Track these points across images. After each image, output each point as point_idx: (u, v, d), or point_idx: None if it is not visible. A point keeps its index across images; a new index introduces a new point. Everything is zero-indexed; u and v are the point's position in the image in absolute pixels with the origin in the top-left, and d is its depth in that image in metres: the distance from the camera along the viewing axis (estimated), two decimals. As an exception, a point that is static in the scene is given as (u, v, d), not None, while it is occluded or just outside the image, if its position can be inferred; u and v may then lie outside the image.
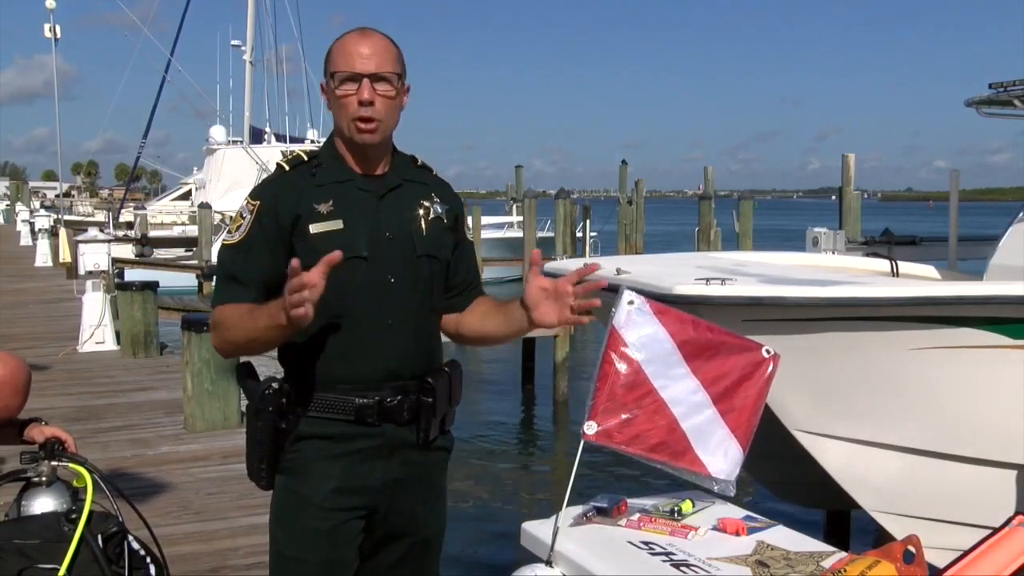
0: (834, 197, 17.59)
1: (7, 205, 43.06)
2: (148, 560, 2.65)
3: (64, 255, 19.65)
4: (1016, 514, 2.37)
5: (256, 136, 34.30)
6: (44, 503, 2.65)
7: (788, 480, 6.73)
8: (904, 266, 7.60)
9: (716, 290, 5.23)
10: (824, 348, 5.39)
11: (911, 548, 2.30)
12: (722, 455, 2.77)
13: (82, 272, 13.85)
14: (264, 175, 3.05)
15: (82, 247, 14.91)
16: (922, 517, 5.57)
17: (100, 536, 2.53)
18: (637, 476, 8.55)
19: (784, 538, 2.69)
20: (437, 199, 2.37)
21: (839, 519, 7.52)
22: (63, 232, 21.56)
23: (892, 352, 5.40)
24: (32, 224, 26.93)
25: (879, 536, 6.05)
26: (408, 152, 2.44)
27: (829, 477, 5.71)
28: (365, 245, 2.23)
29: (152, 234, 29.67)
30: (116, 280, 13.71)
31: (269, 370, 2.33)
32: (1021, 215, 6.61)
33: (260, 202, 2.26)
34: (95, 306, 10.48)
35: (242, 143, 33.53)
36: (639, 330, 2.80)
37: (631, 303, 2.82)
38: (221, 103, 36.27)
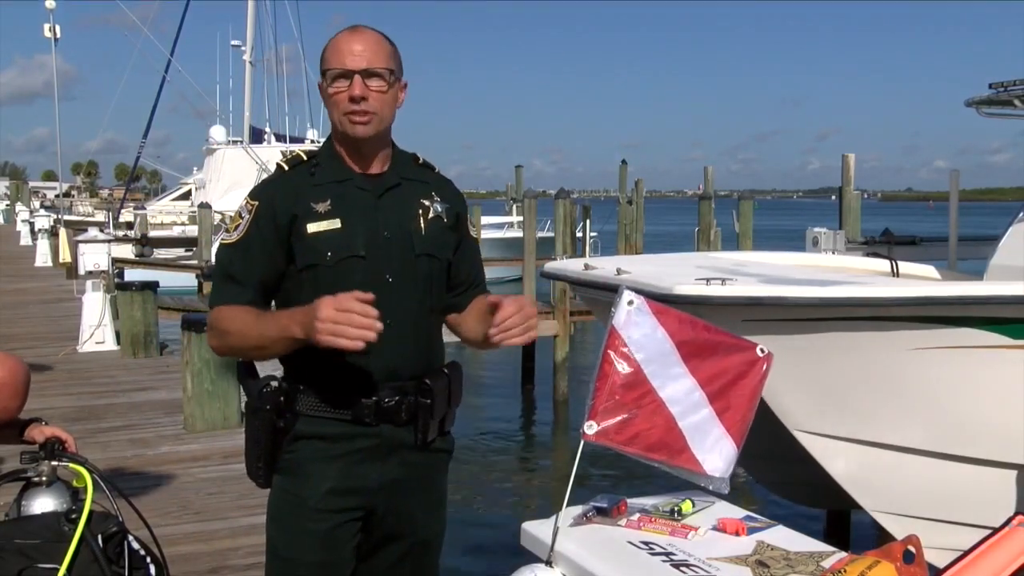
0: (834, 197, 17.58)
1: (7, 205, 43.02)
2: (148, 560, 2.65)
3: (64, 255, 19.64)
4: (1016, 514, 2.37)
5: (256, 136, 34.29)
6: (44, 503, 2.65)
7: (788, 480, 6.74)
8: (904, 266, 7.60)
9: (716, 290, 5.23)
10: (824, 348, 5.39)
11: (911, 548, 2.30)
12: (718, 453, 2.78)
13: (82, 272, 13.84)
14: (264, 175, 3.05)
15: (82, 247, 14.90)
16: (922, 517, 5.57)
17: (100, 536, 2.53)
18: (637, 476, 8.54)
19: (784, 538, 2.69)
20: (438, 198, 2.36)
21: (839, 519, 7.53)
22: (63, 232, 21.54)
23: (892, 352, 5.40)
24: (32, 224, 26.92)
25: (879, 536, 6.05)
26: (409, 151, 2.43)
27: (829, 477, 5.71)
28: (363, 245, 2.23)
29: (152, 234, 29.61)
30: (116, 280, 13.70)
31: (268, 368, 2.33)
32: (1021, 215, 6.61)
33: (259, 203, 2.26)
34: (95, 306, 10.48)
35: (242, 143, 33.52)
36: (639, 330, 2.80)
37: (631, 303, 2.83)
38: (221, 103, 36.32)
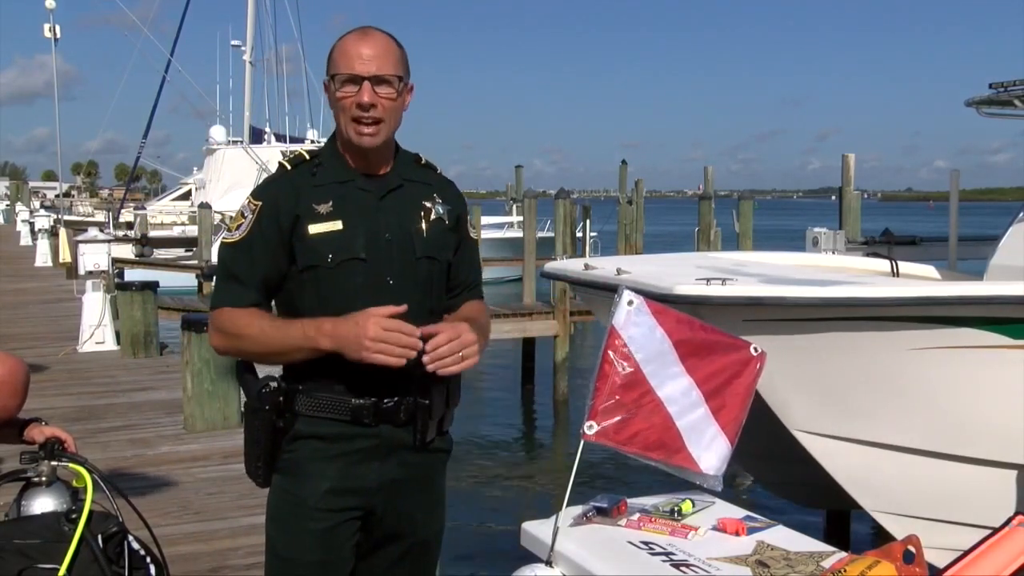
0: (834, 197, 17.58)
1: (7, 205, 43.02)
2: (148, 560, 2.64)
3: (64, 255, 19.63)
4: (1016, 514, 2.37)
5: (256, 136, 34.29)
6: (44, 503, 2.64)
7: (788, 480, 6.74)
8: (904, 266, 7.60)
9: (716, 290, 5.24)
10: (824, 348, 5.39)
11: (911, 548, 2.30)
12: (713, 451, 2.80)
13: (82, 272, 13.81)
14: (264, 175, 3.05)
15: (82, 247, 14.86)
16: (922, 517, 5.57)
17: (100, 536, 2.52)
18: (637, 476, 8.54)
19: (784, 538, 2.69)
20: (439, 200, 2.36)
21: (839, 519, 7.53)
22: (63, 232, 21.52)
23: (892, 352, 5.39)
24: (32, 224, 26.89)
25: (879, 536, 6.05)
26: (411, 151, 2.42)
27: (829, 477, 5.71)
28: (363, 246, 2.22)
29: (152, 234, 29.62)
30: (116, 280, 13.69)
31: (268, 368, 2.33)
32: (1021, 215, 6.61)
33: (262, 203, 2.25)
34: (95, 306, 10.47)
35: (242, 143, 33.53)
36: (638, 330, 2.81)
37: (630, 303, 2.84)
38: (221, 103, 36.33)
